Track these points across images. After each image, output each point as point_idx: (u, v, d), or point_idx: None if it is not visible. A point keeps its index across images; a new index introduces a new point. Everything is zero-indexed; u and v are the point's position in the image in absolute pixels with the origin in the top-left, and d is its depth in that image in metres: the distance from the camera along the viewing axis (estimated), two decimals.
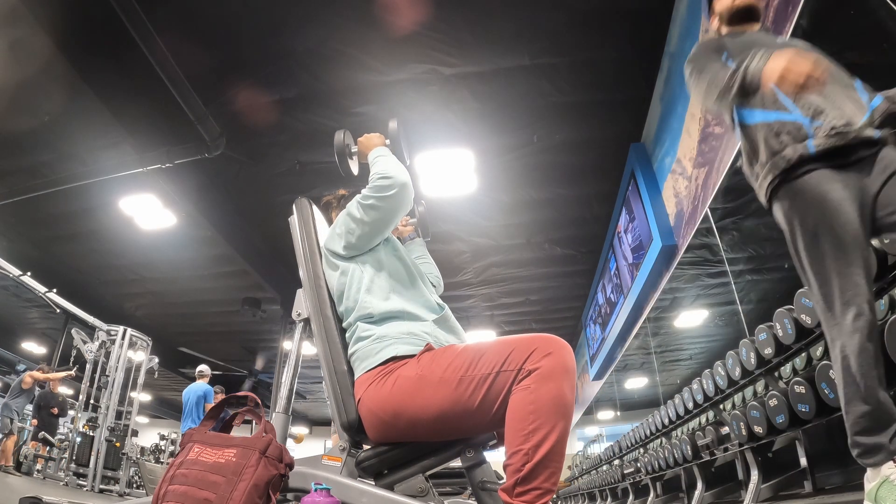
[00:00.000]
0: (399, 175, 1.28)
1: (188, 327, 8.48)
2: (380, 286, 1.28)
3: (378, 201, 1.26)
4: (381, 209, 1.27)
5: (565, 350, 1.04)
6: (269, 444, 1.06)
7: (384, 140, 1.48)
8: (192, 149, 4.00)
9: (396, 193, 1.26)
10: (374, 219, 1.27)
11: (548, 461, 0.95)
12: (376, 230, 1.29)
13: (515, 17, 3.35)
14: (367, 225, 1.28)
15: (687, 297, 5.58)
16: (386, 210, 1.27)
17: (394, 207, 1.28)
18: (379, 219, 1.28)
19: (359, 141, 1.49)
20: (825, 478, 2.42)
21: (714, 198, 2.99)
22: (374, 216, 1.27)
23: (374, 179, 1.28)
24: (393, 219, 1.30)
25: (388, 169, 1.29)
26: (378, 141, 1.47)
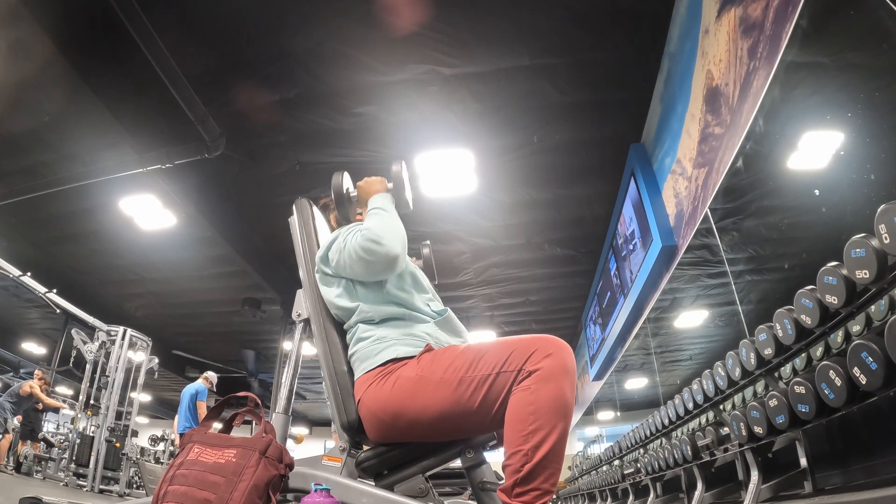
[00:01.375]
0: (390, 246, 1.19)
1: (188, 327, 8.48)
2: (379, 298, 1.27)
3: (364, 263, 1.21)
4: (367, 270, 1.22)
5: (565, 351, 1.04)
6: (269, 444, 1.06)
7: (386, 185, 1.37)
8: (192, 149, 3.99)
9: (382, 263, 1.20)
10: (360, 272, 1.24)
11: (547, 462, 0.95)
12: (364, 278, 1.27)
13: (515, 17, 3.35)
14: (353, 273, 1.25)
15: (687, 298, 5.58)
16: (372, 272, 1.23)
17: (380, 272, 1.23)
18: (365, 275, 1.25)
19: (358, 186, 1.39)
20: (825, 478, 2.42)
21: (714, 198, 2.99)
22: (360, 271, 1.23)
23: (366, 238, 1.20)
24: (380, 277, 1.26)
25: (380, 233, 1.20)
26: (379, 187, 1.36)
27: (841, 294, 1.81)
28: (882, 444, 2.17)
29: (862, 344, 1.65)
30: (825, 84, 2.67)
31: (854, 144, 2.67)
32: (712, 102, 2.91)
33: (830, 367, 1.82)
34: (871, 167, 2.43)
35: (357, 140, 4.24)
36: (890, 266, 1.63)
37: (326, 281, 1.31)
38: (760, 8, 2.32)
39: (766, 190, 3.52)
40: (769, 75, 2.24)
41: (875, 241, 1.62)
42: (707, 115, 2.99)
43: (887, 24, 1.86)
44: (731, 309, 5.18)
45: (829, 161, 2.84)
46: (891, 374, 1.57)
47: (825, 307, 1.93)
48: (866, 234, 1.66)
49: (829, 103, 2.75)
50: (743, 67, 2.51)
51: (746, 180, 3.16)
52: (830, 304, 1.88)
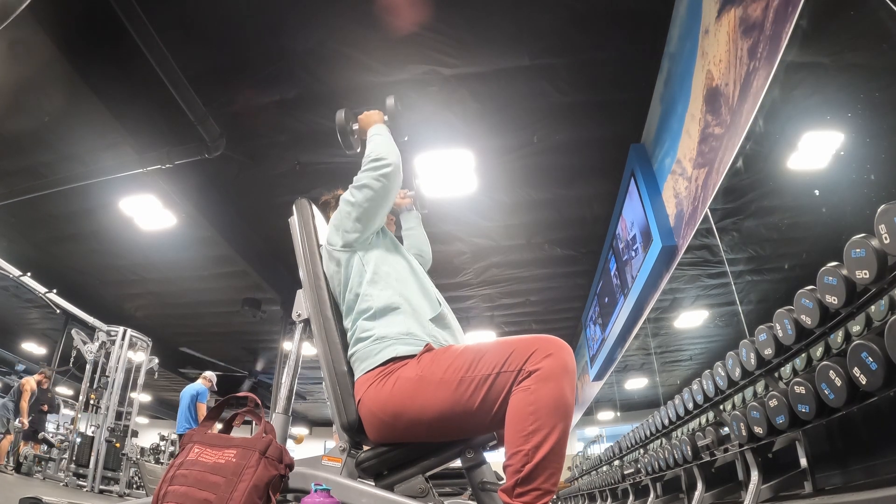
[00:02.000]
0: (389, 155, 1.33)
1: (188, 327, 8.47)
2: (381, 277, 1.29)
3: (370, 181, 1.30)
4: (373, 188, 1.30)
5: (565, 351, 1.04)
6: (269, 444, 1.06)
7: (383, 117, 1.54)
8: (192, 149, 3.99)
9: (388, 172, 1.31)
10: (367, 198, 1.30)
11: (548, 462, 0.95)
12: (371, 210, 1.31)
13: (515, 17, 3.35)
14: (360, 206, 1.30)
15: (687, 298, 5.58)
16: (378, 189, 1.30)
17: (385, 186, 1.31)
18: (372, 198, 1.30)
19: (359, 119, 1.55)
20: (825, 478, 2.42)
21: (714, 198, 2.99)
22: (368, 195, 1.30)
23: (366, 161, 1.34)
24: (386, 197, 1.32)
25: (379, 149, 1.35)
26: (377, 118, 1.53)
27: (841, 294, 1.81)
28: (882, 444, 2.17)
29: (862, 344, 1.66)
30: (825, 84, 2.67)
31: (854, 144, 2.67)
32: (712, 102, 2.91)
33: (830, 368, 1.82)
34: (871, 167, 2.43)
35: None
36: (890, 266, 1.63)
37: (335, 259, 1.33)
38: (760, 8, 2.32)
39: (766, 190, 3.52)
40: (769, 75, 2.24)
41: (875, 242, 1.62)
42: (707, 116, 2.99)
43: (887, 24, 1.86)
44: (731, 309, 5.18)
45: (829, 161, 2.84)
46: (891, 374, 1.57)
47: (825, 307, 1.93)
48: (866, 234, 1.66)
49: (829, 103, 2.75)
50: (743, 67, 2.51)
51: (746, 180, 3.16)
52: (830, 305, 1.88)
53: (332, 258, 1.35)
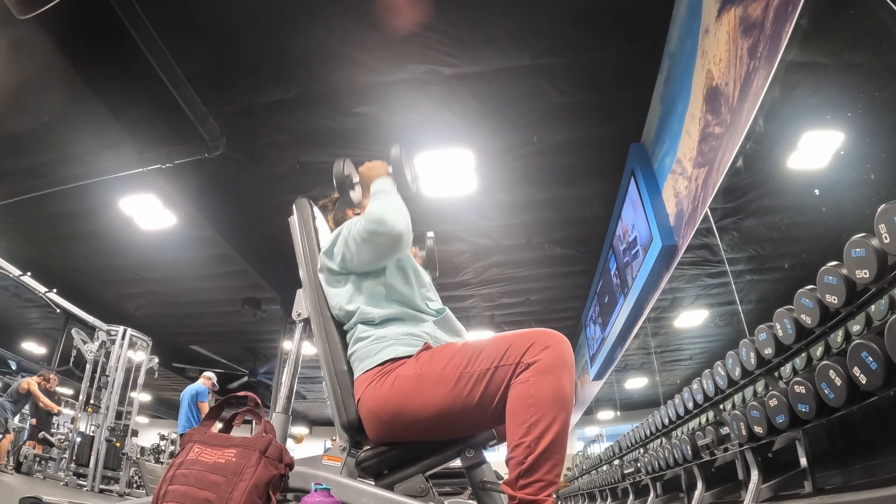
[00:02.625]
0: (394, 224, 1.20)
1: (188, 327, 8.48)
2: (380, 295, 1.27)
3: (370, 244, 1.22)
4: (373, 252, 1.23)
5: (563, 343, 1.04)
6: (269, 444, 1.06)
7: (387, 168, 1.39)
8: (192, 149, 3.99)
9: (387, 243, 1.21)
10: (367, 258, 1.24)
11: (550, 453, 0.96)
12: (370, 264, 1.27)
13: (515, 17, 3.35)
14: (360, 259, 1.25)
15: (687, 297, 5.58)
16: (379, 253, 1.24)
17: (386, 253, 1.24)
18: (371, 259, 1.25)
19: (360, 171, 1.42)
20: (825, 478, 2.42)
21: (714, 198, 2.99)
22: (367, 256, 1.24)
23: (369, 221, 1.21)
24: (387, 259, 1.27)
25: (383, 214, 1.22)
26: (381, 170, 1.39)
27: (841, 294, 1.81)
28: (882, 444, 2.17)
29: (862, 344, 1.66)
30: (825, 84, 2.67)
31: (854, 144, 2.67)
32: (712, 102, 2.91)
33: (830, 367, 1.82)
34: (871, 167, 2.43)
35: (357, 140, 4.24)
36: (890, 266, 1.63)
37: (330, 280, 1.32)
38: (760, 8, 2.32)
39: (766, 190, 3.52)
40: (769, 75, 2.24)
41: (875, 241, 1.62)
42: (707, 115, 2.99)
43: (887, 24, 1.86)
44: (731, 309, 5.18)
45: (829, 161, 2.84)
46: (891, 374, 1.57)
47: (825, 307, 1.93)
48: (866, 233, 1.66)
49: (829, 103, 2.75)
50: (743, 67, 2.51)
51: (746, 180, 3.16)
52: (830, 304, 1.88)
53: (328, 277, 1.33)
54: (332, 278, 1.31)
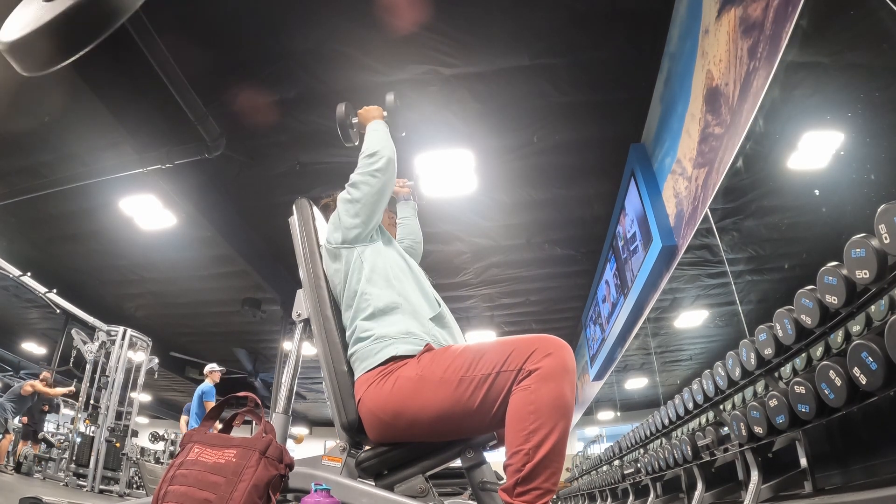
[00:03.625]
0: (384, 149, 1.38)
1: (188, 327, 8.47)
2: (379, 275, 1.29)
3: (365, 177, 1.34)
4: (369, 183, 1.34)
5: (565, 350, 1.04)
6: (269, 444, 1.06)
7: (382, 112, 1.59)
8: (192, 149, 3.99)
9: (382, 167, 1.35)
10: (364, 193, 1.33)
11: (548, 461, 0.96)
12: (369, 205, 1.32)
13: (515, 17, 3.35)
14: (358, 202, 1.32)
15: (687, 298, 5.58)
16: (373, 183, 1.34)
17: (380, 180, 1.34)
18: (368, 192, 1.33)
19: (359, 113, 1.62)
20: (825, 478, 2.42)
21: (714, 198, 2.99)
22: (365, 190, 1.33)
23: (362, 156, 1.38)
24: (382, 191, 1.35)
25: (374, 144, 1.40)
26: (376, 113, 1.58)
27: (841, 294, 1.81)
28: (882, 444, 2.17)
29: (862, 344, 1.66)
30: (825, 84, 2.67)
31: (854, 144, 2.67)
32: (712, 102, 2.91)
33: (830, 367, 1.82)
34: (871, 167, 2.43)
35: None
36: (890, 266, 1.63)
37: (334, 256, 1.34)
38: (760, 8, 2.32)
39: (766, 190, 3.52)
40: (769, 75, 2.24)
41: (875, 241, 1.62)
42: (707, 115, 2.99)
43: (887, 24, 1.86)
44: (731, 309, 5.18)
45: (829, 161, 2.84)
46: (891, 374, 1.57)
47: (825, 307, 1.93)
48: (866, 234, 1.66)
49: (829, 103, 2.75)
50: (743, 67, 2.51)
51: (746, 180, 3.16)
52: (830, 304, 1.88)
53: (331, 255, 1.35)
54: (336, 253, 1.33)
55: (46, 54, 1.01)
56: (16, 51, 0.98)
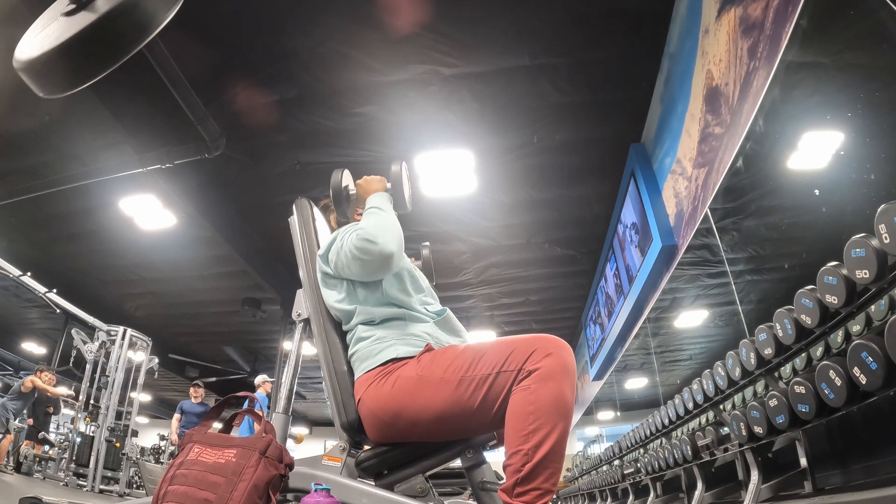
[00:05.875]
0: (385, 244, 1.18)
1: (188, 327, 8.47)
2: (376, 300, 1.26)
3: (360, 262, 1.20)
4: (363, 269, 1.22)
5: (565, 350, 1.04)
6: (269, 444, 1.06)
7: (385, 184, 1.37)
8: (192, 149, 3.99)
9: (377, 262, 1.19)
10: (357, 272, 1.23)
11: (548, 462, 0.95)
12: (361, 278, 1.26)
13: (515, 17, 3.35)
14: (351, 272, 1.25)
15: (687, 298, 5.58)
16: (368, 271, 1.22)
17: (375, 271, 1.23)
18: (361, 275, 1.24)
19: (357, 184, 1.40)
20: (825, 478, 2.42)
21: (714, 198, 2.99)
22: (357, 271, 1.23)
23: (360, 238, 1.19)
24: (377, 276, 1.25)
25: (375, 233, 1.19)
26: (378, 186, 1.36)
27: (841, 294, 1.81)
28: (882, 444, 2.17)
29: (862, 344, 1.66)
30: (825, 84, 2.67)
31: (854, 144, 2.68)
32: (712, 102, 2.91)
33: (830, 367, 1.82)
34: (871, 167, 2.43)
35: (357, 140, 4.24)
36: (890, 266, 1.63)
37: (327, 282, 1.31)
38: (760, 8, 2.32)
39: (766, 190, 3.52)
40: (769, 75, 2.24)
41: (875, 241, 1.63)
42: (707, 115, 2.99)
43: (887, 24, 1.86)
44: (731, 309, 5.19)
45: (829, 161, 2.84)
46: (891, 374, 1.57)
47: (825, 307, 1.93)
48: (866, 234, 1.66)
49: (829, 103, 2.76)
50: (743, 67, 2.51)
51: (746, 180, 3.17)
52: (830, 304, 1.88)
53: (325, 280, 1.32)
54: (328, 280, 1.31)
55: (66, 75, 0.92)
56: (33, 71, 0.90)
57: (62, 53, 0.88)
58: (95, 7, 0.88)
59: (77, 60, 0.90)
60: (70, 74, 0.92)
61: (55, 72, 0.90)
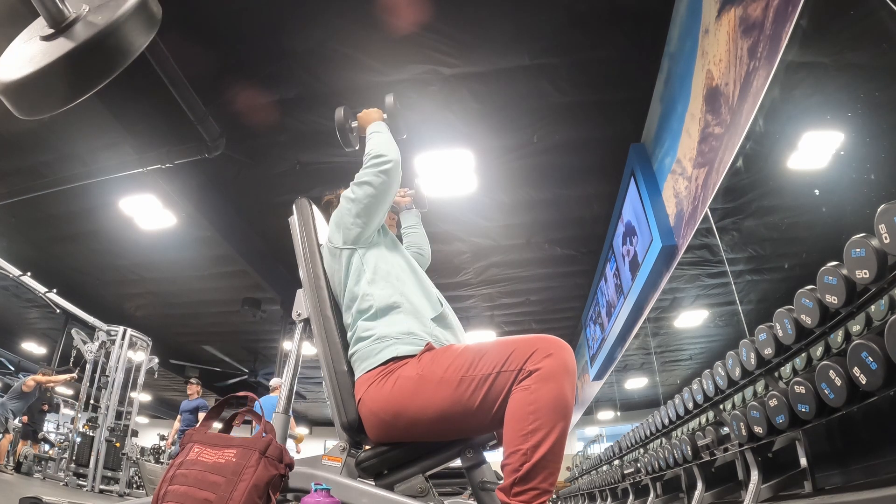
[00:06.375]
0: (389, 152, 1.34)
1: (188, 327, 8.48)
2: (381, 276, 1.28)
3: (370, 177, 1.31)
4: (374, 184, 1.31)
5: (566, 351, 1.04)
6: (269, 444, 1.06)
7: (382, 115, 1.55)
8: (192, 149, 3.99)
9: (388, 168, 1.32)
10: (368, 194, 1.30)
11: (546, 462, 0.95)
12: (372, 206, 1.31)
13: (515, 17, 3.35)
14: (361, 203, 1.30)
15: (687, 298, 5.58)
16: (378, 185, 1.31)
17: (385, 182, 1.32)
18: (373, 194, 1.31)
19: (358, 116, 1.57)
20: (825, 478, 2.42)
21: (714, 198, 2.99)
22: (368, 191, 1.31)
23: (367, 158, 1.35)
24: (387, 193, 1.33)
25: (379, 146, 1.36)
26: (376, 116, 1.53)
27: (841, 294, 1.81)
28: (882, 444, 2.17)
29: (862, 344, 1.66)
30: (825, 84, 2.67)
31: (854, 144, 2.68)
32: (712, 102, 2.91)
33: (830, 367, 1.82)
34: (871, 167, 2.43)
35: None
36: (890, 266, 1.63)
37: (335, 256, 1.33)
38: (760, 8, 2.32)
39: (766, 190, 3.52)
40: (769, 75, 2.24)
41: (875, 241, 1.63)
42: (707, 115, 2.99)
43: (887, 24, 1.86)
44: (731, 309, 5.18)
45: (829, 161, 2.84)
46: (891, 374, 1.57)
47: (825, 307, 1.93)
48: (866, 234, 1.66)
49: (829, 103, 2.76)
50: (743, 67, 2.51)
51: (746, 180, 3.16)
52: (830, 304, 1.88)
53: (332, 255, 1.35)
54: (337, 253, 1.33)
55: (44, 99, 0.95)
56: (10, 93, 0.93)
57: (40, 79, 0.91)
58: (74, 34, 0.91)
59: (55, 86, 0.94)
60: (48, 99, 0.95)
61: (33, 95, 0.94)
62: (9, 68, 0.93)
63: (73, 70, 0.91)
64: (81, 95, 0.94)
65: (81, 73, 0.93)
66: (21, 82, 0.91)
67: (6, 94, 0.93)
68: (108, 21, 0.91)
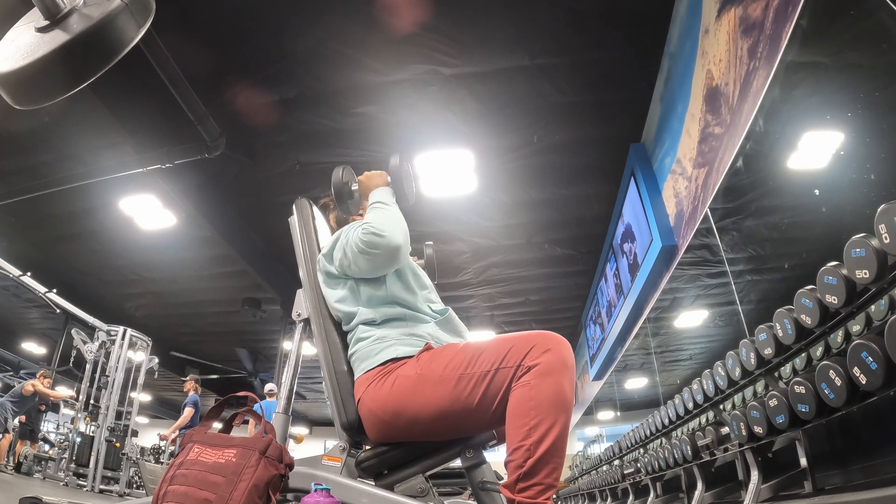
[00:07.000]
0: (392, 237, 1.18)
1: (188, 327, 8.48)
2: (380, 299, 1.26)
3: (367, 256, 1.20)
4: (370, 263, 1.22)
5: (564, 346, 1.04)
6: (269, 444, 1.06)
7: (386, 179, 1.36)
8: (192, 149, 3.99)
9: (384, 255, 1.20)
10: (364, 267, 1.23)
11: (549, 456, 0.96)
12: (368, 274, 1.26)
13: (515, 17, 3.35)
14: (357, 268, 1.24)
15: (687, 298, 5.58)
16: (375, 265, 1.23)
17: (382, 265, 1.23)
18: (368, 270, 1.24)
19: (359, 180, 1.39)
20: (825, 478, 2.42)
21: (714, 198, 2.99)
22: (364, 266, 1.23)
23: (367, 232, 1.19)
24: (384, 270, 1.26)
25: (381, 226, 1.19)
26: (379, 181, 1.36)
27: (841, 294, 1.81)
28: (882, 444, 2.17)
29: (862, 344, 1.66)
30: (825, 84, 2.67)
31: (854, 144, 2.67)
32: (712, 102, 2.91)
33: (830, 367, 1.82)
34: (871, 167, 2.43)
35: (357, 140, 4.24)
36: (890, 266, 1.63)
37: (329, 282, 1.31)
38: (760, 8, 2.32)
39: (766, 190, 3.52)
40: (769, 75, 2.24)
41: (875, 241, 1.62)
42: (707, 115, 2.99)
43: (887, 24, 1.86)
44: (731, 309, 5.18)
45: (829, 161, 2.84)
46: (891, 374, 1.57)
47: (825, 307, 1.93)
48: (866, 233, 1.66)
49: (829, 103, 2.75)
50: (743, 67, 2.51)
51: (746, 180, 3.16)
52: (830, 304, 1.88)
53: (326, 278, 1.32)
54: (331, 280, 1.31)
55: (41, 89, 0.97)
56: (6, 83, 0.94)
57: (36, 69, 0.93)
58: (69, 26, 0.93)
59: (51, 77, 0.95)
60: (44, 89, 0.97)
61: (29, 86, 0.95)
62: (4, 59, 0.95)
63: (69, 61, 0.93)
64: (77, 86, 0.96)
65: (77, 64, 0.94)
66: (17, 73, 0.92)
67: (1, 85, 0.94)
68: (103, 12, 0.93)
